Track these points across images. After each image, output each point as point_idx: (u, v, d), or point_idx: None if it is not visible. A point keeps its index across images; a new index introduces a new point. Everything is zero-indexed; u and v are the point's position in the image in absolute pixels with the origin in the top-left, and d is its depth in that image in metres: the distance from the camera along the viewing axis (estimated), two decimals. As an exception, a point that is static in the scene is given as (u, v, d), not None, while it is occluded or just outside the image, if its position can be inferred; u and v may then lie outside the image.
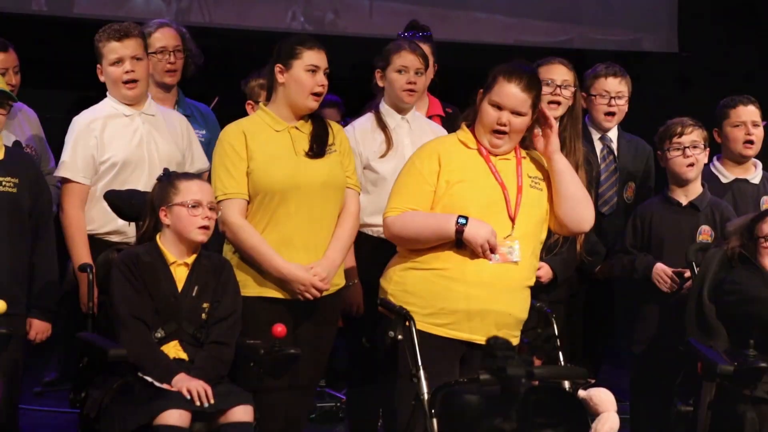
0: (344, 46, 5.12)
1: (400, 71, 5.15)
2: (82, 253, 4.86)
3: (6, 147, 4.84)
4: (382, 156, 5.11)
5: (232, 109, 5.46)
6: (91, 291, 4.55)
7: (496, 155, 4.42)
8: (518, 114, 4.37)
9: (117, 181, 4.92)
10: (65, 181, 4.96)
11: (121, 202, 4.68)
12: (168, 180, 4.48)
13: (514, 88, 4.35)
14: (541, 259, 4.79)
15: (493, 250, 4.29)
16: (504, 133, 4.37)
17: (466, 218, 4.29)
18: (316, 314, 4.66)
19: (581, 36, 8.23)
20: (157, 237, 4.48)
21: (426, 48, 5.36)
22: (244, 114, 5.24)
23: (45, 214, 4.86)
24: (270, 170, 4.60)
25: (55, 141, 5.31)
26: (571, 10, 8.27)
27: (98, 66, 5.02)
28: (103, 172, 4.94)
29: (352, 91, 5.73)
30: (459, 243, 4.30)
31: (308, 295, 4.58)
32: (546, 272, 5.02)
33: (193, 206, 4.40)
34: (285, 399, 4.59)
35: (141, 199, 4.59)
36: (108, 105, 5.05)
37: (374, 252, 4.91)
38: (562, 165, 4.42)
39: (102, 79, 5.03)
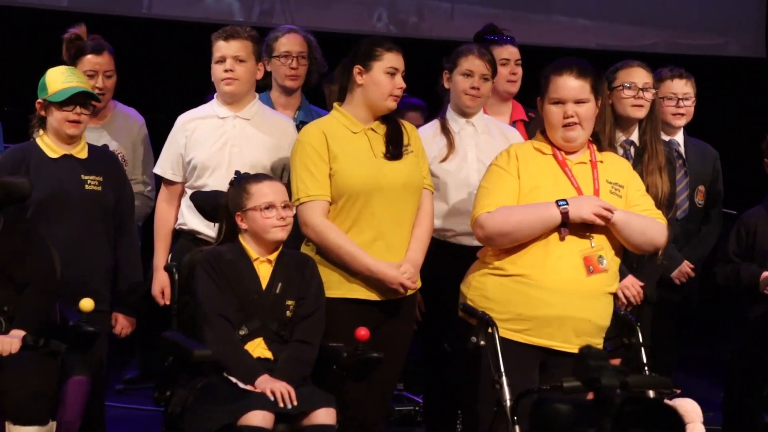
0: (425, 50, 5.11)
1: (465, 75, 5.14)
2: (159, 251, 4.96)
3: (90, 146, 4.90)
4: (443, 160, 5.10)
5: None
6: (174, 290, 4.59)
7: (571, 153, 4.40)
8: (581, 102, 4.37)
9: (198, 183, 4.97)
10: (161, 177, 5.06)
11: (206, 203, 4.72)
12: (239, 184, 4.49)
13: (567, 79, 4.37)
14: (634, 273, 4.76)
15: (611, 211, 4.27)
16: (574, 123, 4.36)
17: (565, 200, 4.28)
18: (395, 316, 4.67)
19: (665, 40, 8.15)
20: (240, 235, 4.51)
21: (513, 51, 5.34)
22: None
23: (128, 211, 4.93)
24: (353, 172, 4.61)
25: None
26: (655, 14, 8.19)
27: (212, 65, 5.08)
28: (190, 172, 5.01)
29: (435, 96, 5.73)
30: (564, 225, 4.29)
31: (401, 290, 4.59)
32: (637, 294, 4.99)
33: (267, 208, 4.42)
34: (364, 402, 4.60)
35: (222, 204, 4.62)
36: (209, 106, 5.10)
37: (437, 255, 4.89)
38: (619, 219, 4.36)
39: (213, 78, 5.09)
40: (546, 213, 4.29)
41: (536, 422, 2.65)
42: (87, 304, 4.35)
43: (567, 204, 4.28)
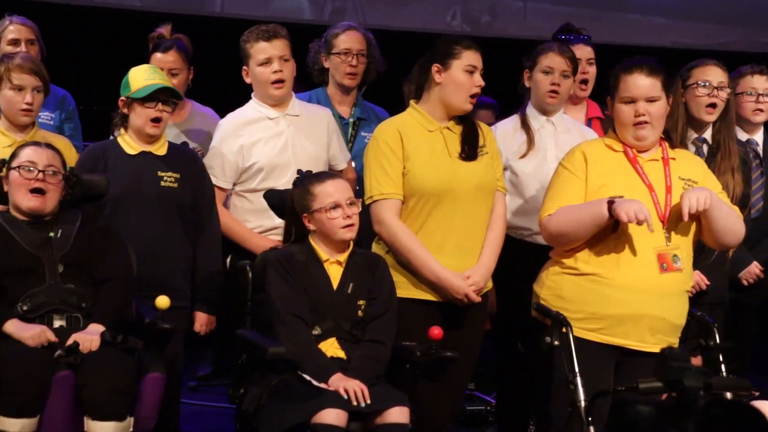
0: (497, 48, 5.09)
1: (545, 72, 5.11)
2: (244, 233, 4.95)
3: (170, 143, 4.93)
4: (522, 156, 5.08)
5: (387, 110, 5.50)
6: (248, 288, 4.62)
7: (643, 150, 4.37)
8: (652, 100, 4.33)
9: (264, 185, 4.97)
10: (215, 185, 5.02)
11: (279, 201, 4.73)
12: (302, 185, 4.49)
13: (638, 78, 4.34)
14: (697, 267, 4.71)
15: (642, 222, 4.19)
16: (645, 122, 4.32)
17: (614, 198, 4.24)
18: (467, 317, 4.66)
19: (743, 38, 8.04)
20: (309, 236, 4.53)
21: (585, 51, 5.31)
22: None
23: (207, 208, 4.91)
24: (426, 172, 4.60)
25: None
26: (732, 11, 8.08)
27: (244, 67, 5.08)
28: (249, 177, 5.01)
29: (506, 94, 5.71)
30: (615, 225, 4.24)
31: (465, 300, 4.58)
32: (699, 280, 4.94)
33: (333, 208, 4.43)
34: (436, 401, 4.59)
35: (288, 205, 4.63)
36: (253, 108, 5.09)
37: (513, 254, 4.88)
38: (714, 210, 4.31)
39: (248, 80, 5.08)
40: (597, 209, 4.25)
41: (616, 424, 2.62)
42: (163, 301, 4.38)
43: (615, 202, 4.23)
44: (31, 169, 4.44)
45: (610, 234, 4.29)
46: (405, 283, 4.60)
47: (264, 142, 5.01)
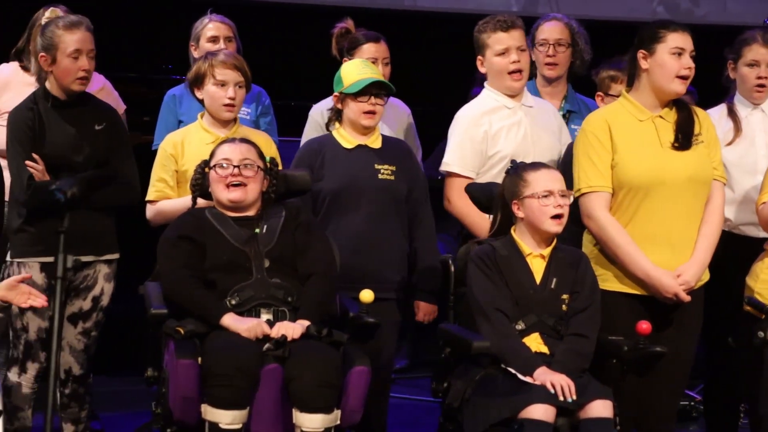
0: (698, 36, 4.97)
1: (750, 65, 4.96)
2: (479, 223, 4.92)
3: (383, 136, 4.97)
4: (729, 144, 4.94)
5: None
6: (450, 282, 4.63)
7: None
8: None
9: (502, 175, 4.96)
10: (450, 174, 5.03)
11: (482, 194, 4.73)
12: (515, 172, 4.48)
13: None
14: None
15: None
16: None
17: None
18: (680, 311, 4.54)
19: None
20: (512, 230, 4.50)
21: None
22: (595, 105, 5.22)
23: (422, 200, 4.94)
24: (635, 164, 4.51)
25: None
26: None
27: (479, 57, 5.07)
28: (491, 165, 5.00)
29: (707, 82, 5.57)
30: None
31: (674, 299, 4.48)
32: None
33: (545, 196, 4.39)
34: (649, 400, 4.50)
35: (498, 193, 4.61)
36: (490, 98, 5.08)
37: (721, 246, 4.70)
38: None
39: (483, 70, 5.08)
40: None
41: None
42: (367, 295, 4.41)
43: None
44: (225, 165, 4.52)
45: None
46: (613, 277, 4.53)
47: (506, 131, 5.01)
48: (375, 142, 4.90)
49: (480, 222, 4.89)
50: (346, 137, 4.88)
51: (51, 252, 4.64)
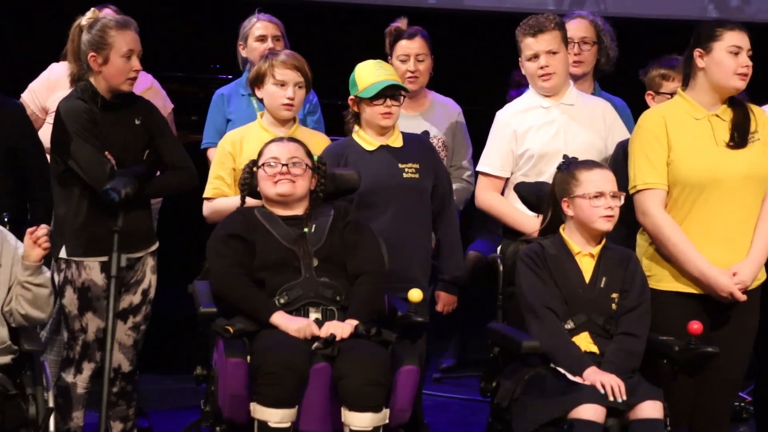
0: (752, 34, 4.92)
1: None
2: (522, 218, 4.93)
3: (404, 134, 4.96)
4: None
5: (633, 100, 5.40)
6: (499, 281, 4.62)
7: None
8: None
9: (533, 172, 4.96)
10: (482, 173, 5.06)
11: (530, 193, 4.71)
12: (567, 169, 4.46)
13: None
14: None
15: None
16: None
17: None
18: (735, 311, 4.50)
19: None
20: (561, 228, 4.48)
21: None
22: (645, 105, 5.17)
23: (447, 195, 4.97)
24: (690, 162, 4.47)
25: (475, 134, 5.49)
26: None
27: (520, 59, 5.08)
28: (522, 164, 5.00)
29: (755, 80, 5.52)
30: None
31: (729, 299, 4.45)
32: None
33: (596, 197, 4.36)
34: (702, 401, 4.47)
35: (548, 191, 4.60)
36: (528, 97, 5.10)
37: None
38: None
39: (524, 70, 5.09)
40: None
41: None
42: (416, 294, 4.41)
43: None
44: (273, 164, 4.53)
45: None
46: (668, 275, 4.50)
47: (536, 130, 5.01)
48: (396, 141, 4.90)
49: (510, 213, 4.92)
50: (366, 139, 4.88)
51: (109, 251, 4.66)
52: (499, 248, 4.79)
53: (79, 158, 4.70)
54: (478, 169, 5.09)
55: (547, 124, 5.02)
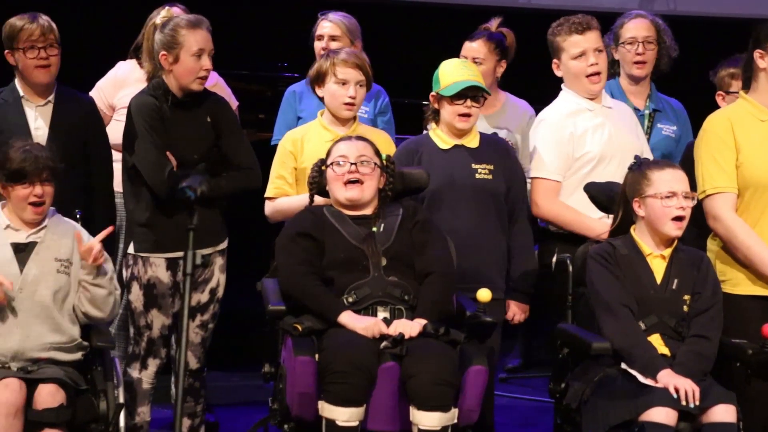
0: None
1: None
2: (587, 222, 4.89)
3: (481, 134, 4.94)
4: None
5: (699, 103, 5.32)
6: (569, 281, 4.58)
7: None
8: None
9: (591, 175, 4.92)
10: (536, 178, 5.00)
11: (600, 193, 4.68)
12: (639, 170, 4.41)
13: None
14: None
15: None
16: None
17: None
18: None
19: None
20: (632, 229, 4.43)
21: None
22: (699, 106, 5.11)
23: (520, 198, 4.93)
24: (759, 163, 4.42)
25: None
26: None
27: (554, 60, 5.04)
28: (579, 167, 4.96)
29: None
30: None
31: None
32: None
33: (667, 197, 4.32)
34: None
35: (619, 191, 4.56)
36: (569, 100, 5.05)
37: None
38: None
39: (559, 73, 5.05)
40: None
41: None
42: (485, 294, 4.38)
43: None
44: (342, 163, 4.53)
45: None
46: (742, 279, 4.45)
47: (591, 132, 4.97)
48: (472, 141, 4.87)
49: (576, 218, 4.88)
50: (442, 137, 4.86)
51: (176, 248, 4.68)
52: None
53: (141, 157, 4.74)
54: (534, 175, 4.99)
55: (599, 127, 4.98)
